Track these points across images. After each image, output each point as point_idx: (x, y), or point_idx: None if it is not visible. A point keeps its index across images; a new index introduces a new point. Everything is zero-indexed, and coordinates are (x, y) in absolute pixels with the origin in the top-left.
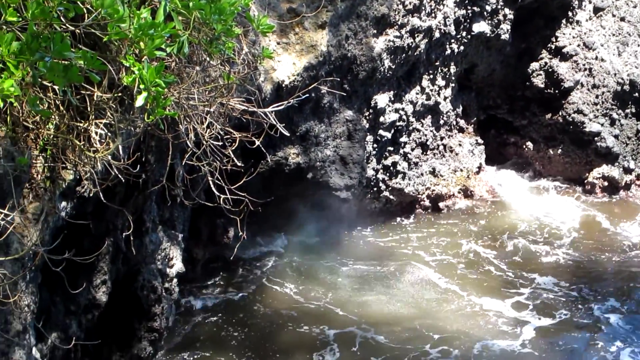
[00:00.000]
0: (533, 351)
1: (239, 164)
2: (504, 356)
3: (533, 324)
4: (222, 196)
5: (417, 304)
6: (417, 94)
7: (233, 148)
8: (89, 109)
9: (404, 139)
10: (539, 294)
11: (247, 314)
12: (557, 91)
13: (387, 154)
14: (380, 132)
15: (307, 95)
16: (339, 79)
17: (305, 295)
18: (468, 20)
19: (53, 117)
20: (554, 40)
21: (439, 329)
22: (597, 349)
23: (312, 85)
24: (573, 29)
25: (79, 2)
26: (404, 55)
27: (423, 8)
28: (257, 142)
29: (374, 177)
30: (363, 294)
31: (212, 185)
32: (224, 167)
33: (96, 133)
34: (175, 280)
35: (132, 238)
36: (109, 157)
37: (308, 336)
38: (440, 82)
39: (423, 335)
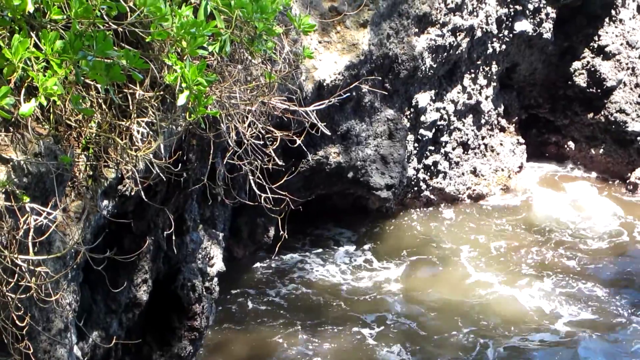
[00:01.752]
0: (567, 340)
1: (280, 163)
2: (537, 346)
3: (567, 315)
4: (263, 195)
5: (454, 291)
6: (458, 93)
7: (274, 147)
8: (131, 107)
9: (445, 138)
10: (574, 288)
11: (289, 299)
12: (599, 90)
13: (428, 154)
14: (421, 131)
15: (348, 94)
16: (380, 78)
17: (345, 281)
18: (510, 19)
19: (95, 115)
20: (597, 39)
21: (473, 316)
22: (631, 341)
23: (354, 84)
24: (616, 27)
25: (122, 1)
26: (445, 54)
27: (465, 7)
28: (298, 141)
29: (414, 176)
30: (403, 284)
31: (252, 184)
32: (265, 166)
33: (138, 131)
34: (215, 279)
35: (173, 237)
36: (151, 155)
37: (350, 316)
38: (482, 81)
39: (457, 321)
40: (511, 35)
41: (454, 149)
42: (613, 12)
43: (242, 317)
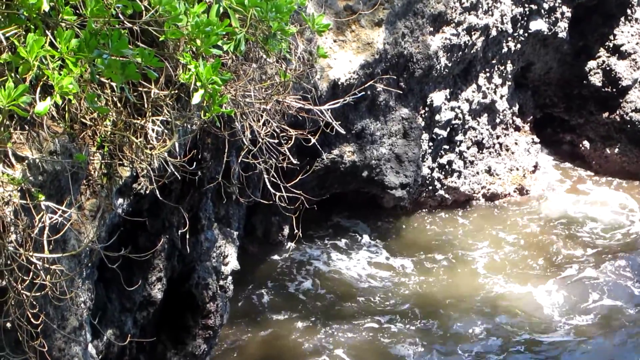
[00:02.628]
0: (583, 339)
1: (294, 162)
2: (552, 343)
3: (582, 314)
4: (278, 194)
5: (468, 288)
6: (473, 92)
7: (289, 146)
8: (146, 105)
9: (459, 137)
10: (590, 287)
11: (304, 294)
12: (614, 90)
13: (443, 153)
14: (436, 130)
15: (363, 93)
16: (395, 77)
17: (361, 276)
18: (525, 18)
19: (110, 114)
20: (612, 38)
21: (488, 313)
22: None
23: (368, 83)
24: (632, 26)
25: (137, 0)
26: (460, 53)
27: (480, 6)
28: (313, 140)
29: (429, 175)
30: (419, 279)
31: (267, 183)
32: (280, 165)
33: (153, 130)
34: (230, 278)
35: (187, 235)
36: (166, 154)
37: (365, 311)
38: (497, 80)
39: (471, 317)
40: (526, 34)
41: (468, 148)
42: (629, 11)
43: (257, 312)
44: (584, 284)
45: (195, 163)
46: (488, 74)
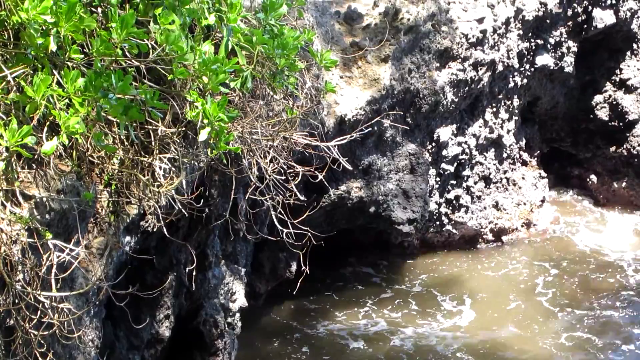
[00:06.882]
0: None
1: (301, 198)
2: None
3: (598, 346)
4: (285, 230)
5: (484, 330)
6: (480, 127)
7: (296, 182)
8: (153, 143)
9: (466, 172)
10: (600, 327)
11: (310, 340)
12: (621, 124)
13: (450, 188)
14: (443, 165)
15: (370, 129)
16: (401, 113)
17: (367, 322)
18: (531, 53)
19: (117, 152)
20: (618, 73)
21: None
22: None
23: (375, 119)
24: (638, 60)
25: (144, 39)
26: (467, 88)
27: (486, 41)
28: (320, 176)
29: (436, 210)
30: (429, 319)
31: (274, 220)
32: (287, 201)
33: (160, 167)
34: (237, 315)
35: (195, 273)
36: (173, 191)
37: (380, 354)
38: (504, 115)
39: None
40: (532, 69)
41: (475, 183)
42: (634, 45)
43: (263, 355)
44: (603, 324)
45: (202, 200)
46: (495, 109)
